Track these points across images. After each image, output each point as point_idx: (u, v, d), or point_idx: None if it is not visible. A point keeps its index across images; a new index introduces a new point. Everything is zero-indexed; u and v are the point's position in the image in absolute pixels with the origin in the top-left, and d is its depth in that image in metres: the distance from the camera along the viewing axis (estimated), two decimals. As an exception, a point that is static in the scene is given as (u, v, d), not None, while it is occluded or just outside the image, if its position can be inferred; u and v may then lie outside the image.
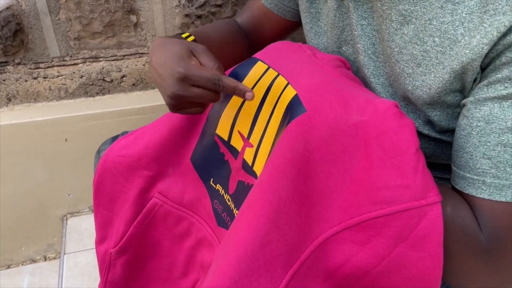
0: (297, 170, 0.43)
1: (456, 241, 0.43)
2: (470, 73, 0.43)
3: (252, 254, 0.42)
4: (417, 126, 0.52)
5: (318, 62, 0.52)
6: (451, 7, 0.43)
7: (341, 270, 0.43)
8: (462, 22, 0.43)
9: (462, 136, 0.45)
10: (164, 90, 0.52)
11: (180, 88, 0.49)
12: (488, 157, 0.42)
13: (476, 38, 0.41)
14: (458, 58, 0.43)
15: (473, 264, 0.43)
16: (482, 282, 0.44)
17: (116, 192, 0.69)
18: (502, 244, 0.42)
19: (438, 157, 0.53)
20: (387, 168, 0.41)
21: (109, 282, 0.75)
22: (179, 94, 0.50)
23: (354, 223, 0.42)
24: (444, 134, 0.51)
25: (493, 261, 0.43)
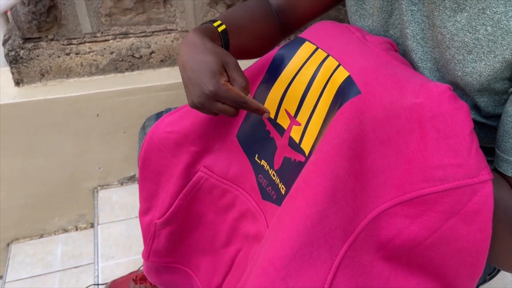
0: (352, 150, 0.46)
1: (498, 222, 0.46)
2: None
3: (312, 226, 0.45)
4: None
5: (368, 44, 0.54)
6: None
7: (393, 242, 0.47)
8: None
9: (508, 122, 0.47)
10: (191, 95, 0.55)
11: (206, 101, 0.53)
12: None
13: None
14: (510, 48, 0.45)
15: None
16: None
17: (163, 166, 0.72)
18: None
19: (481, 140, 0.55)
20: (441, 148, 0.43)
21: (153, 251, 0.79)
22: (204, 106, 0.54)
23: (407, 199, 0.45)
24: (489, 119, 0.53)
25: None
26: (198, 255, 0.78)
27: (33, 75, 1.16)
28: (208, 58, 0.54)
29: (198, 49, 0.55)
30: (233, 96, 0.53)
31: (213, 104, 0.53)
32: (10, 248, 1.35)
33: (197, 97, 0.53)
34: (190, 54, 0.55)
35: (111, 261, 1.15)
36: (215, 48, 0.55)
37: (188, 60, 0.55)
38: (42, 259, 1.32)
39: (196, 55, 0.54)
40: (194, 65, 0.54)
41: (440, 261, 0.47)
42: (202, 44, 0.56)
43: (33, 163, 1.23)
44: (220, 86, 0.52)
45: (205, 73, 0.53)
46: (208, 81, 0.52)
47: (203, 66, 0.53)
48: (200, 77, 0.53)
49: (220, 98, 0.53)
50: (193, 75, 0.54)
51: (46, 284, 1.24)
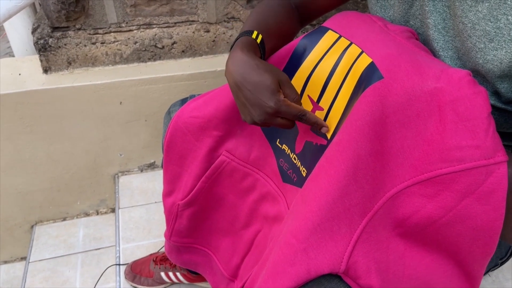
0: (374, 131, 0.49)
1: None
2: None
3: (333, 202, 0.48)
4: None
5: (390, 33, 0.56)
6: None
7: (409, 219, 0.49)
8: None
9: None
10: (250, 114, 0.58)
11: (268, 118, 0.56)
12: None
13: None
14: None
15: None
16: None
17: (187, 150, 0.76)
18: None
19: (501, 125, 0.57)
20: (459, 130, 0.45)
21: (175, 231, 0.83)
22: (266, 122, 0.57)
23: (424, 179, 0.48)
24: (509, 104, 0.55)
25: None
26: (218, 236, 0.81)
27: (60, 63, 1.20)
28: (264, 78, 0.56)
29: (251, 70, 0.57)
30: (294, 111, 0.56)
31: (273, 120, 0.57)
32: (34, 229, 1.40)
33: (258, 116, 0.56)
34: (244, 74, 0.57)
35: (132, 243, 1.20)
36: (268, 67, 0.58)
37: (244, 81, 0.57)
38: (64, 240, 1.37)
39: (252, 76, 0.56)
40: (252, 86, 0.56)
41: (454, 239, 0.49)
42: (254, 64, 0.57)
43: (59, 148, 1.27)
44: (280, 103, 0.55)
45: (264, 93, 0.55)
46: (269, 100, 0.55)
47: (261, 86, 0.55)
48: (260, 97, 0.55)
49: (281, 114, 0.56)
50: (252, 96, 0.56)
51: (69, 265, 1.30)
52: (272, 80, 0.56)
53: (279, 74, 0.57)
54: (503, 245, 0.71)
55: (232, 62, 0.59)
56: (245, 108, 0.59)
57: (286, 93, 0.57)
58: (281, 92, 0.57)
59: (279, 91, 0.56)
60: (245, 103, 0.58)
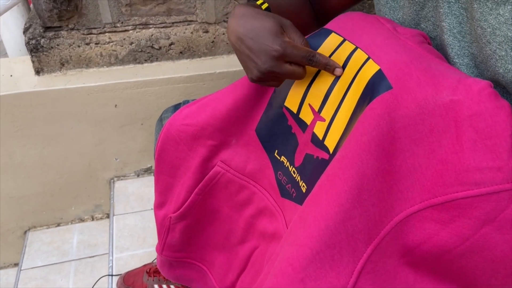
0: (381, 148, 0.44)
1: None
2: None
3: (334, 227, 0.43)
4: None
5: (400, 37, 0.51)
6: None
7: (420, 247, 0.44)
8: None
9: None
10: (255, 64, 0.53)
11: (275, 64, 0.51)
12: None
13: None
14: None
15: None
16: None
17: (179, 159, 0.71)
18: None
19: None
20: (479, 149, 0.40)
21: (167, 245, 0.78)
22: (273, 70, 0.52)
23: (438, 202, 0.43)
24: None
25: None
26: (213, 250, 0.77)
27: (53, 64, 1.16)
28: (265, 22, 0.52)
29: (251, 18, 0.53)
30: (302, 52, 0.51)
31: (281, 66, 0.52)
32: (27, 235, 1.36)
33: (264, 63, 0.51)
34: (244, 24, 0.53)
35: (126, 253, 1.15)
36: (268, 13, 0.54)
37: (245, 31, 0.53)
38: (58, 247, 1.33)
39: (252, 23, 0.53)
40: (253, 33, 0.52)
41: (471, 271, 0.44)
42: (254, 12, 0.54)
43: (52, 151, 1.23)
44: (286, 44, 0.51)
45: (267, 37, 0.51)
46: (273, 43, 0.50)
47: (263, 31, 0.51)
48: (263, 41, 0.51)
49: (288, 57, 0.51)
50: (255, 43, 0.52)
51: (61, 273, 1.25)
52: (274, 23, 0.52)
53: (281, 19, 0.54)
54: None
55: (231, 19, 0.56)
56: (249, 61, 0.54)
57: (292, 37, 0.53)
58: (285, 35, 0.53)
59: (283, 34, 0.52)
60: (248, 54, 0.53)
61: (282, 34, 0.52)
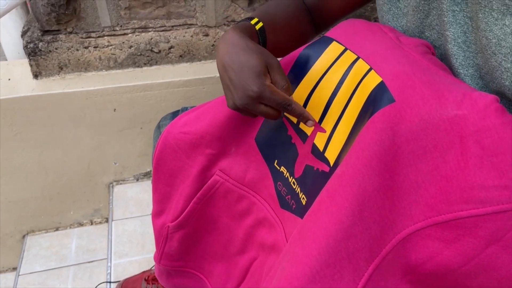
0: (383, 164, 0.42)
1: None
2: None
3: (335, 246, 0.42)
4: None
5: (403, 47, 0.49)
6: None
7: (423, 266, 0.43)
8: None
9: None
10: (232, 97, 0.53)
11: (249, 103, 0.51)
12: None
13: None
14: None
15: None
16: None
17: (177, 168, 0.70)
18: None
19: None
20: (485, 167, 0.39)
21: (165, 254, 0.77)
22: (247, 108, 0.52)
23: (442, 221, 0.41)
24: None
25: None
26: (212, 260, 0.75)
27: (51, 68, 1.14)
28: (251, 59, 0.51)
29: (240, 50, 0.53)
30: (279, 99, 0.50)
31: (256, 106, 0.51)
32: (26, 240, 1.35)
33: (239, 99, 0.51)
34: (231, 54, 0.53)
35: (124, 259, 1.14)
36: (258, 48, 0.53)
37: (230, 61, 0.53)
38: (56, 252, 1.32)
39: (239, 56, 0.52)
40: (237, 66, 0.52)
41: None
42: (244, 44, 0.53)
43: (50, 156, 1.22)
44: (265, 87, 0.50)
45: (249, 75, 0.50)
46: (252, 83, 0.50)
47: (247, 68, 0.51)
48: (244, 78, 0.51)
49: (265, 100, 0.51)
50: (236, 77, 0.51)
51: (60, 278, 1.24)
52: (259, 62, 0.51)
53: (269, 58, 0.52)
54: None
55: (221, 42, 0.55)
56: (227, 91, 0.54)
57: (275, 80, 0.52)
58: (268, 76, 0.52)
59: (266, 75, 0.51)
60: (228, 85, 0.53)
61: (265, 75, 0.51)
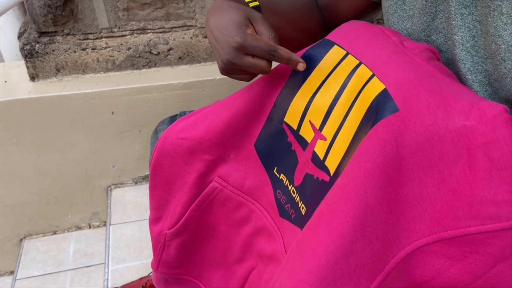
0: (386, 176, 0.40)
1: None
2: None
3: (335, 262, 0.40)
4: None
5: (408, 52, 0.47)
6: None
7: (429, 284, 0.41)
8: None
9: None
10: (219, 54, 0.53)
11: (235, 56, 0.51)
12: None
13: None
14: None
15: None
16: None
17: (174, 174, 0.68)
18: None
19: None
20: (494, 181, 0.37)
21: (162, 261, 0.75)
22: (233, 61, 0.51)
23: (448, 237, 0.39)
24: None
25: None
26: (210, 268, 0.74)
27: (48, 70, 1.13)
28: (232, 14, 0.52)
29: (222, 10, 0.54)
30: (262, 45, 0.50)
31: (243, 58, 0.51)
32: (23, 244, 1.34)
33: (226, 54, 0.51)
34: (215, 17, 0.54)
35: (122, 264, 1.12)
36: (238, 5, 0.54)
37: (214, 23, 0.53)
38: (54, 256, 1.30)
39: (222, 16, 0.53)
40: (219, 24, 0.52)
41: (484, 309, 0.40)
42: (228, 5, 0.54)
43: (47, 159, 1.21)
44: (246, 36, 0.50)
45: (231, 28, 0.51)
46: (234, 34, 0.50)
47: (229, 23, 0.52)
48: (225, 32, 0.51)
49: (249, 49, 0.50)
50: (219, 34, 0.52)
51: (57, 283, 1.23)
52: (239, 14, 0.52)
53: (250, 12, 0.54)
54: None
55: (208, 12, 0.57)
56: (216, 51, 0.54)
57: (260, 31, 0.53)
58: (250, 27, 0.53)
59: (247, 26, 0.52)
60: (215, 45, 0.54)
61: (246, 26, 0.51)
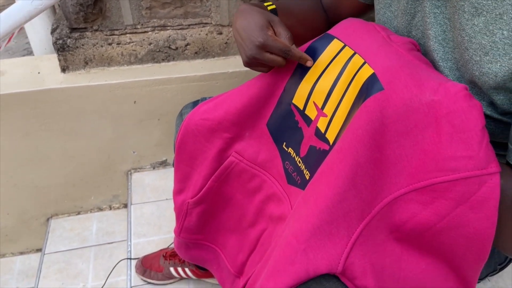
0: (373, 140, 0.51)
1: (505, 209, 0.50)
2: None
3: (332, 206, 0.51)
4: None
5: (393, 44, 0.58)
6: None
7: (406, 225, 0.52)
8: None
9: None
10: (244, 50, 0.65)
11: (257, 52, 0.63)
12: None
13: None
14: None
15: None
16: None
17: (197, 150, 0.79)
18: None
19: (497, 136, 0.59)
20: (454, 141, 0.48)
21: (184, 228, 0.86)
22: (256, 57, 0.64)
23: (420, 187, 0.50)
24: (504, 115, 0.57)
25: None
26: (226, 233, 0.85)
27: (77, 63, 1.24)
28: (255, 17, 0.65)
29: (247, 14, 0.67)
30: (280, 45, 0.62)
31: (263, 54, 0.63)
32: (50, 222, 1.45)
33: (249, 50, 0.64)
34: (241, 19, 0.67)
35: (143, 239, 1.24)
36: (260, 9, 0.67)
37: (240, 24, 0.66)
38: (78, 234, 1.42)
39: (246, 18, 0.66)
40: (244, 25, 0.65)
41: (449, 245, 0.51)
42: (251, 9, 0.67)
43: (74, 145, 1.32)
44: (267, 37, 0.62)
45: (254, 29, 0.64)
46: (257, 34, 0.63)
47: (252, 24, 0.64)
48: (250, 32, 0.64)
49: (269, 47, 0.63)
50: (244, 33, 0.65)
51: (82, 257, 1.34)
52: (262, 17, 0.65)
53: (270, 16, 0.66)
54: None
55: (235, 14, 0.69)
56: (240, 48, 0.67)
57: (278, 32, 0.65)
58: (270, 29, 0.65)
59: (268, 28, 0.64)
60: (240, 42, 0.66)
61: (267, 28, 0.64)
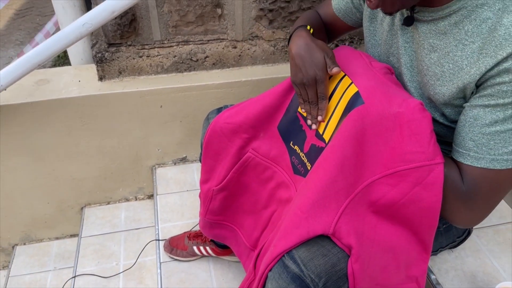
0: (356, 140, 0.71)
1: (447, 189, 0.69)
2: (469, 89, 0.68)
3: (326, 187, 0.71)
4: (435, 117, 0.77)
5: (373, 69, 0.78)
6: (462, 47, 0.68)
7: (379, 201, 0.71)
8: (467, 58, 0.67)
9: (460, 126, 0.70)
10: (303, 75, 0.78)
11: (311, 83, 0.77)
12: (473, 140, 0.67)
13: (473, 69, 0.66)
14: (462, 80, 0.68)
15: (457, 204, 0.69)
16: (462, 217, 0.71)
17: (221, 148, 0.98)
18: (475, 193, 0.68)
19: (448, 138, 0.79)
20: (412, 141, 0.68)
21: (209, 210, 1.06)
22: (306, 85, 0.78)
23: (389, 173, 0.70)
24: (452, 123, 0.76)
25: (469, 204, 0.69)
26: (243, 215, 1.04)
27: (113, 73, 1.45)
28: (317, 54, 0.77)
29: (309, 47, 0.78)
30: (326, 90, 0.77)
31: (311, 87, 0.77)
32: (84, 211, 1.66)
33: (309, 78, 0.77)
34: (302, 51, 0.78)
35: (168, 223, 1.44)
36: (322, 45, 0.79)
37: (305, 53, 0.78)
38: (109, 221, 1.62)
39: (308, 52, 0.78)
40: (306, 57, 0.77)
41: (410, 216, 0.71)
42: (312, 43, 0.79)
43: (108, 142, 1.52)
44: (326, 77, 0.76)
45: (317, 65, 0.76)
46: (320, 72, 0.76)
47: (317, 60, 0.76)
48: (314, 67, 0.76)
49: (319, 85, 0.77)
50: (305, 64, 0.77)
51: (114, 240, 1.55)
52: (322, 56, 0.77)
53: (327, 50, 0.78)
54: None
55: (297, 38, 0.81)
56: (297, 68, 0.79)
57: (329, 65, 0.77)
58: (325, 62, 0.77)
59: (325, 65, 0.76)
60: (301, 67, 0.78)
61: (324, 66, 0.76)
